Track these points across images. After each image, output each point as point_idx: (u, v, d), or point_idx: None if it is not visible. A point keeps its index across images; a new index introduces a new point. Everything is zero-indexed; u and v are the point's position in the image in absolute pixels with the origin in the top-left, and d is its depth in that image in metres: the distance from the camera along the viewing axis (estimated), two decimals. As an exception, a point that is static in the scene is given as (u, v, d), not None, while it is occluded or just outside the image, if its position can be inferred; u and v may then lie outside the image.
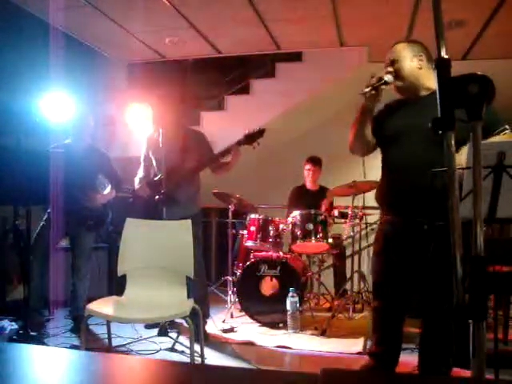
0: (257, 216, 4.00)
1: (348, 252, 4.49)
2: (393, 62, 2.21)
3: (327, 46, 4.95)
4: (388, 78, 2.17)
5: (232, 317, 3.86)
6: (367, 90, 2.13)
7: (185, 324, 2.28)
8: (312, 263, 4.45)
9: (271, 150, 5.51)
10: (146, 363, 1.22)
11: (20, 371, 0.95)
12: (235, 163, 3.18)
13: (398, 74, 2.19)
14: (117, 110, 5.04)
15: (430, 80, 2.16)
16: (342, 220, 4.42)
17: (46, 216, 3.33)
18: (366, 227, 4.46)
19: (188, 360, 2.52)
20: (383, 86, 2.15)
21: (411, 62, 2.19)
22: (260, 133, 3.08)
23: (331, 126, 5.15)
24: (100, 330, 3.18)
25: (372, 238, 2.95)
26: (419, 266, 2.18)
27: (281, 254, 3.85)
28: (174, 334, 3.11)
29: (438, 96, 1.02)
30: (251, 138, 3.08)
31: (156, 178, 3.24)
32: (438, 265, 2.11)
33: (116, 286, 3.06)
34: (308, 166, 4.56)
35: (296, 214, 3.88)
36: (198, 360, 2.46)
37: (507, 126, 2.01)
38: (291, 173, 4.90)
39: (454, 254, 1.00)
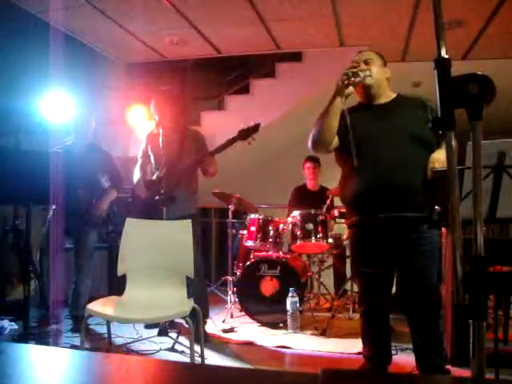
0: (257, 216, 3.99)
1: (348, 252, 4.48)
2: (366, 62, 2.24)
3: (327, 46, 4.95)
4: (367, 73, 2.18)
5: (232, 317, 3.86)
6: (352, 77, 2.12)
7: (185, 324, 2.28)
8: (312, 263, 4.44)
9: (271, 150, 5.51)
10: (146, 363, 1.22)
11: (20, 371, 0.95)
12: (213, 170, 3.13)
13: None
14: (117, 110, 5.04)
15: (389, 91, 2.30)
16: (342, 220, 4.42)
17: (50, 216, 3.33)
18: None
19: (188, 360, 2.52)
20: (358, 79, 2.15)
21: (380, 69, 2.26)
22: (255, 128, 3.04)
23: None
24: (100, 330, 3.18)
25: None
26: (399, 262, 2.23)
27: (281, 254, 3.85)
28: (173, 334, 3.11)
29: (437, 96, 1.02)
30: (246, 134, 3.04)
31: (154, 177, 3.23)
32: (415, 259, 2.16)
33: (116, 285, 3.05)
34: (308, 165, 4.57)
35: (296, 214, 3.88)
36: (198, 360, 2.45)
37: None
38: (291, 173, 4.90)
39: (454, 253, 1.00)
